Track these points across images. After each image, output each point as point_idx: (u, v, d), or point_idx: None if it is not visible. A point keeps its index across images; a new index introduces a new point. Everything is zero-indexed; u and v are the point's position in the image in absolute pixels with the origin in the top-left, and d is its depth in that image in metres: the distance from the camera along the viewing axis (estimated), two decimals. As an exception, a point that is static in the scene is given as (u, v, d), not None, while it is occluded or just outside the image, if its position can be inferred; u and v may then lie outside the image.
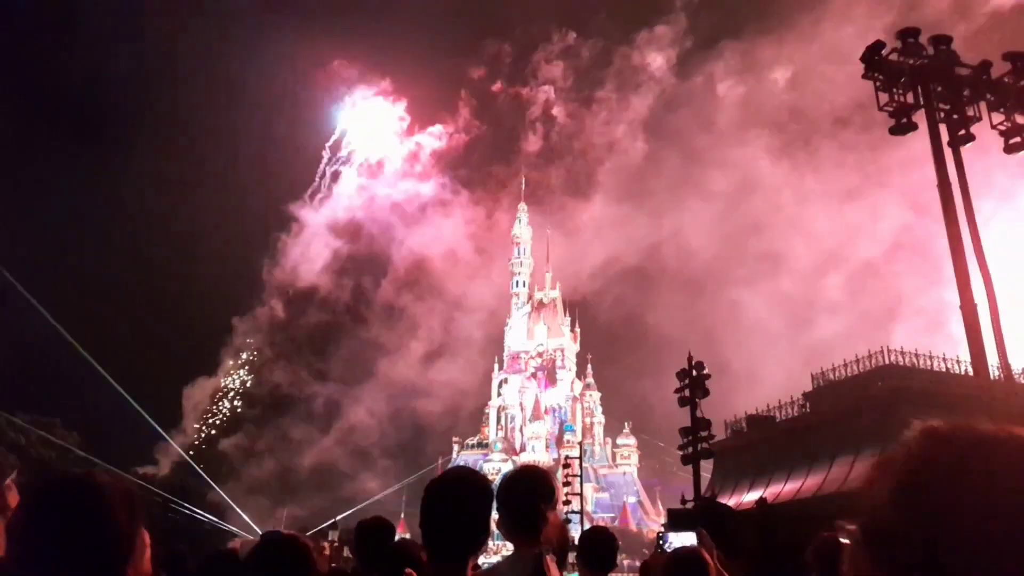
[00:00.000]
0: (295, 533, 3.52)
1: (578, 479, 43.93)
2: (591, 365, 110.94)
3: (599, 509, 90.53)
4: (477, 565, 4.15)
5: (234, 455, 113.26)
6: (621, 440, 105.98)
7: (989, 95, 13.76)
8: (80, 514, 1.68)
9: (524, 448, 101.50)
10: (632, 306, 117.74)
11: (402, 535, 6.58)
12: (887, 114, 13.85)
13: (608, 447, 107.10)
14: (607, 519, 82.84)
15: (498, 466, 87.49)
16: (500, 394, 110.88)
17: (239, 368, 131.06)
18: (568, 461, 48.03)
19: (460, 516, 2.75)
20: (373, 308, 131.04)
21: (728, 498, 32.96)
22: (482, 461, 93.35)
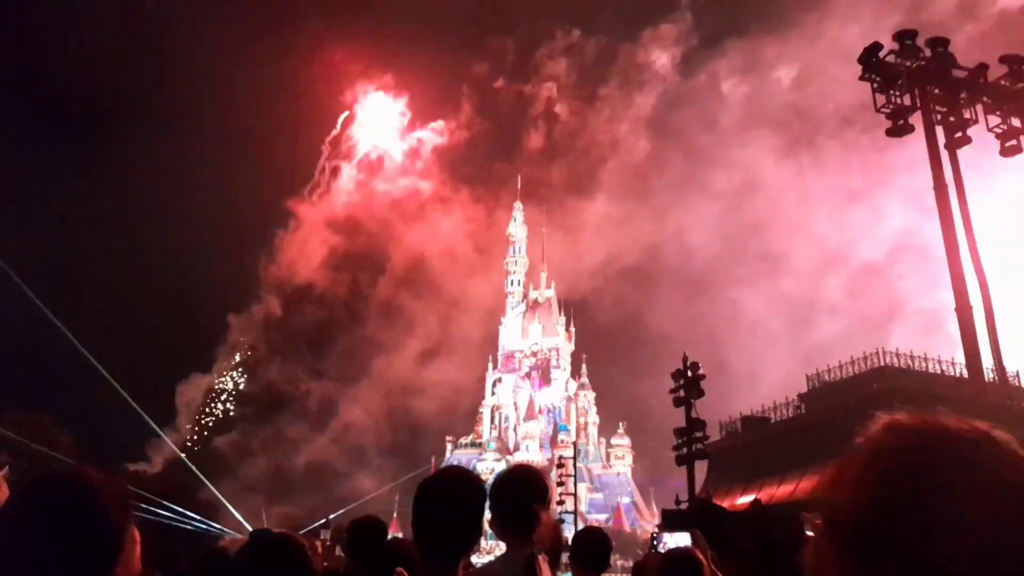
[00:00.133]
0: (287, 532, 3.47)
1: (572, 479, 43.98)
2: (585, 365, 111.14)
3: (593, 509, 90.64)
4: (470, 564, 4.13)
5: (228, 453, 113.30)
6: (615, 440, 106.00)
7: (986, 98, 13.78)
8: (70, 511, 1.65)
9: (518, 448, 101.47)
10: (631, 305, 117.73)
11: (395, 534, 6.56)
12: (884, 116, 13.87)
13: (602, 447, 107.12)
14: (601, 519, 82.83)
15: (492, 466, 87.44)
16: (494, 393, 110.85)
17: (235, 369, 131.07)
18: (562, 461, 48.06)
19: (452, 515, 2.73)
20: (370, 305, 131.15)
21: (723, 499, 32.98)
22: (476, 460, 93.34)
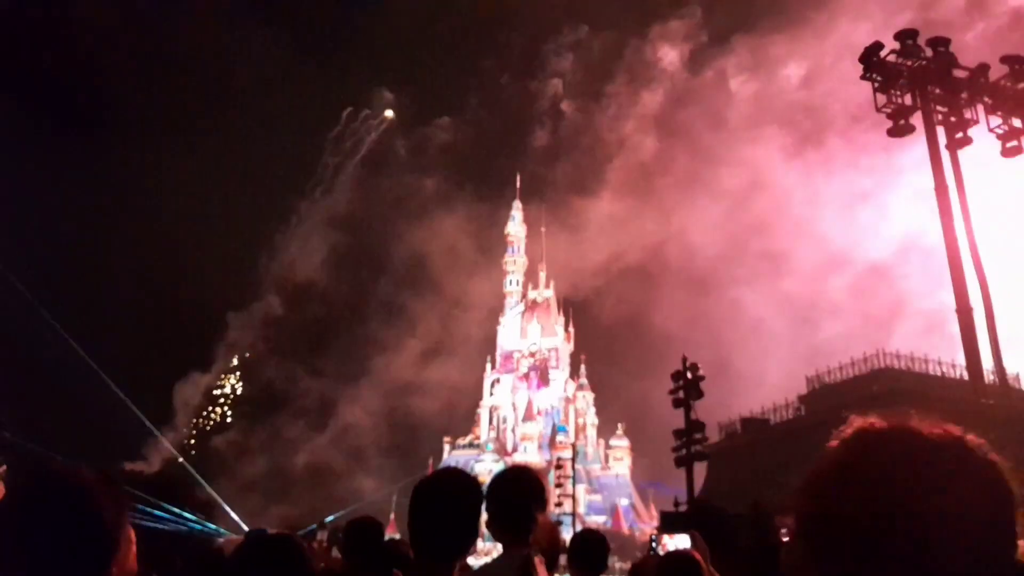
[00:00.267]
0: (285, 532, 3.44)
1: (570, 480, 43.99)
2: (584, 366, 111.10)
3: (591, 511, 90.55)
4: (466, 566, 4.09)
5: (226, 452, 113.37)
6: (614, 441, 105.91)
7: (987, 98, 13.72)
8: (65, 511, 1.65)
9: (516, 449, 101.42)
10: (634, 305, 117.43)
11: (391, 535, 6.54)
12: (885, 116, 13.82)
13: (601, 448, 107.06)
14: (599, 521, 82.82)
15: (490, 467, 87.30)
16: (492, 394, 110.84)
17: (233, 370, 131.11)
18: (560, 462, 48.08)
19: (448, 517, 2.73)
20: (370, 304, 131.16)
21: (722, 501, 32.96)
22: (474, 461, 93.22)
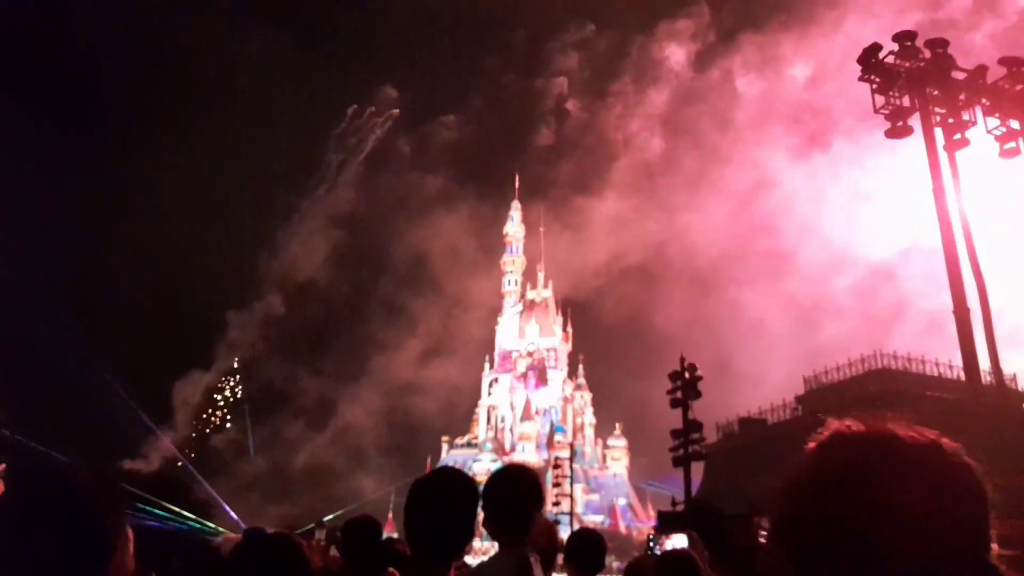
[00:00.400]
0: (283, 531, 3.44)
1: (568, 480, 43.99)
2: (582, 366, 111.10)
3: (589, 511, 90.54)
4: (463, 564, 4.10)
5: (226, 451, 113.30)
6: (612, 441, 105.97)
7: (985, 99, 13.73)
8: (64, 510, 1.64)
9: (514, 448, 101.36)
10: (634, 305, 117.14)
11: (390, 534, 6.55)
12: (883, 117, 13.82)
13: (599, 448, 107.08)
14: (597, 521, 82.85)
15: (488, 466, 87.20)
16: (490, 393, 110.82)
17: (235, 370, 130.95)
18: (558, 462, 48.10)
19: (445, 516, 2.73)
20: (371, 303, 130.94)
21: (719, 501, 32.97)
22: (472, 461, 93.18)
